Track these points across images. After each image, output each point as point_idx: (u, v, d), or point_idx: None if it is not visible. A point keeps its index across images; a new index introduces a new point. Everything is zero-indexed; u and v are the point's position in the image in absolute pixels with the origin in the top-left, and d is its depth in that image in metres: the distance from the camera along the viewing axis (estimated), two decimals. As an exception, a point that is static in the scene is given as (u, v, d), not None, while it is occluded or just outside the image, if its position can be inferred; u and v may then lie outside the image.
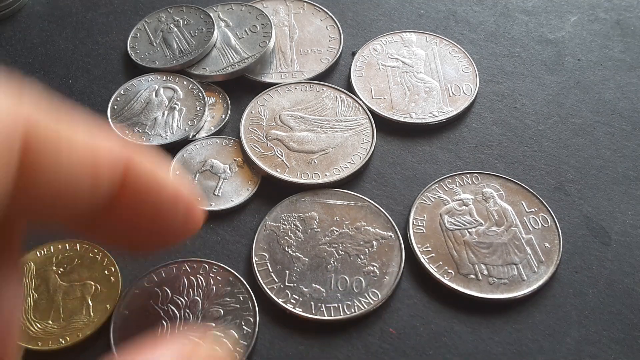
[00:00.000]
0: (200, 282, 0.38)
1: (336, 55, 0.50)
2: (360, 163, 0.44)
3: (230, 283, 0.38)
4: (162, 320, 0.37)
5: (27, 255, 0.41)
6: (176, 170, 0.44)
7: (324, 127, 0.46)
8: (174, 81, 0.49)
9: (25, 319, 0.38)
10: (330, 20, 0.53)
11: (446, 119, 0.47)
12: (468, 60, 0.50)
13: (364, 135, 0.45)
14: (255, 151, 0.44)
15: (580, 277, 0.39)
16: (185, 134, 0.45)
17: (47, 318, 0.38)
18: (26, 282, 0.40)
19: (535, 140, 0.46)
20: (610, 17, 0.53)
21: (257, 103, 0.47)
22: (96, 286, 0.39)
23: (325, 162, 0.44)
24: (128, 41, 0.52)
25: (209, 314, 0.37)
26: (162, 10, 0.54)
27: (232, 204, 0.43)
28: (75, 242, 0.41)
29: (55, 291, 0.39)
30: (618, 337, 0.37)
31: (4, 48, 0.53)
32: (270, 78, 0.49)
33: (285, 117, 0.46)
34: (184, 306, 0.38)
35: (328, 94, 0.48)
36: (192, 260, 0.40)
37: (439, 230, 0.41)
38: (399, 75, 0.49)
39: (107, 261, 0.40)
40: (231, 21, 0.52)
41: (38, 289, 0.39)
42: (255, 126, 0.46)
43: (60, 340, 0.37)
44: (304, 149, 0.45)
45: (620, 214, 0.42)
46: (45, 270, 0.40)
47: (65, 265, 0.40)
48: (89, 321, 0.38)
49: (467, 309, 0.38)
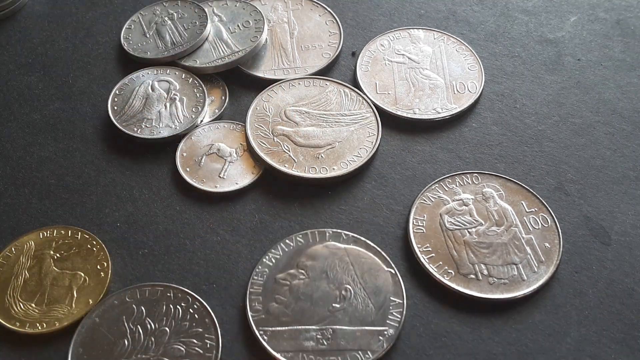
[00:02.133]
0: (177, 314, 0.38)
1: (337, 50, 0.51)
2: (368, 156, 0.44)
3: (205, 325, 0.37)
4: (125, 340, 0.37)
5: (30, 234, 0.41)
6: (183, 153, 0.45)
7: (329, 122, 0.46)
8: (166, 73, 0.49)
9: (11, 297, 0.39)
10: (329, 15, 0.53)
11: (449, 115, 0.47)
12: (474, 58, 0.50)
13: (369, 129, 0.46)
14: (263, 147, 0.45)
15: (580, 277, 0.39)
16: (193, 121, 0.46)
17: (32, 301, 0.39)
18: (22, 260, 0.40)
19: (535, 140, 0.46)
20: (610, 17, 0.53)
21: (262, 99, 0.47)
22: (85, 278, 0.39)
23: (332, 156, 0.44)
24: (122, 32, 0.52)
25: (170, 349, 0.36)
26: (157, 3, 0.54)
27: (237, 186, 0.43)
28: (78, 230, 0.42)
29: (46, 275, 0.40)
30: (618, 337, 0.37)
31: (4, 48, 0.53)
32: (273, 74, 0.49)
33: (290, 112, 0.46)
34: (150, 332, 0.37)
35: (332, 89, 0.48)
36: (179, 289, 0.39)
37: (439, 230, 0.41)
38: (404, 71, 0.49)
39: (102, 255, 0.40)
40: (225, 16, 0.53)
41: (31, 270, 0.40)
42: (261, 122, 0.46)
43: (37, 325, 0.38)
44: (310, 143, 0.45)
45: (620, 214, 0.42)
46: (42, 252, 0.40)
47: (62, 252, 0.41)
48: (69, 312, 0.38)
49: (467, 309, 0.38)
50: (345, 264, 0.39)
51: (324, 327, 0.37)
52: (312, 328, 0.37)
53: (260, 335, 0.37)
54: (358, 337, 0.36)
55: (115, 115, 0.47)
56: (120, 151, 0.46)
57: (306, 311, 0.37)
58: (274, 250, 0.40)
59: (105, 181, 0.45)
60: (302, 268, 0.39)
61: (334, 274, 0.39)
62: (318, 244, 0.40)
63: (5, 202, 0.44)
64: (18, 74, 0.51)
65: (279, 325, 0.37)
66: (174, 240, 0.42)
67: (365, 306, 0.37)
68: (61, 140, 0.47)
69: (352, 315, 0.37)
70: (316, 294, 0.38)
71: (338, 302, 0.38)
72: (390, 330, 0.37)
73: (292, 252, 0.40)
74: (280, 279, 0.39)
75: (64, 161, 0.46)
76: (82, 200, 0.44)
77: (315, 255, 0.40)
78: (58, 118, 0.48)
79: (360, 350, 0.36)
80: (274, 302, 0.38)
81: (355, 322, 0.37)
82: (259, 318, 0.37)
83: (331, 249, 0.40)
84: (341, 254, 0.40)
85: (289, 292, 0.38)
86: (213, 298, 0.39)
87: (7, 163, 0.46)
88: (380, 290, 0.38)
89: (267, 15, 0.53)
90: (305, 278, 0.39)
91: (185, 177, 0.44)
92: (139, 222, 0.43)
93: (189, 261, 0.41)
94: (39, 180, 0.45)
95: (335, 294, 0.38)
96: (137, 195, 0.44)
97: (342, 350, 0.36)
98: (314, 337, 0.37)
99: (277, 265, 0.39)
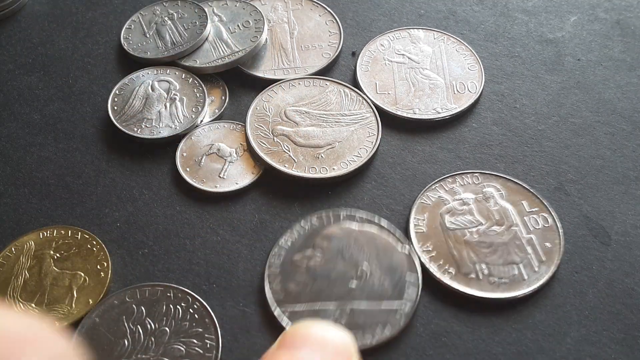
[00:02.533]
0: (177, 314, 0.38)
1: (337, 50, 0.51)
2: (368, 156, 0.44)
3: (205, 325, 0.37)
4: (125, 340, 0.37)
5: (30, 234, 0.41)
6: (183, 152, 0.45)
7: (329, 122, 0.46)
8: (165, 73, 0.49)
9: (11, 297, 0.39)
10: (329, 15, 0.53)
11: (449, 115, 0.47)
12: (474, 58, 0.50)
13: (369, 129, 0.46)
14: (263, 147, 0.45)
15: (580, 277, 0.39)
16: (193, 121, 0.46)
17: (32, 301, 0.39)
18: (22, 260, 0.40)
19: (535, 140, 0.46)
20: (610, 17, 0.53)
21: (262, 99, 0.48)
22: (85, 278, 0.39)
23: (332, 156, 0.44)
24: (122, 32, 0.52)
25: (170, 349, 0.36)
26: (157, 3, 0.54)
27: (237, 186, 0.43)
28: (78, 230, 0.42)
29: (46, 275, 0.40)
30: (618, 337, 0.37)
31: (4, 48, 0.53)
32: (273, 74, 0.49)
33: (290, 112, 0.46)
34: (150, 332, 0.37)
35: (332, 89, 0.48)
36: (179, 289, 0.39)
37: (439, 230, 0.41)
38: (404, 71, 0.49)
39: (102, 255, 0.40)
40: (225, 16, 0.53)
41: (31, 270, 0.40)
42: (261, 122, 0.46)
43: None
44: (310, 143, 0.45)
45: (620, 213, 0.42)
46: (42, 252, 0.41)
47: (62, 252, 0.41)
48: (69, 312, 0.38)
49: (467, 309, 0.38)
50: (360, 244, 0.40)
51: (342, 305, 0.38)
52: (331, 307, 0.38)
53: (280, 314, 0.38)
54: (375, 314, 0.37)
55: (115, 115, 0.47)
56: (120, 151, 0.46)
57: (324, 290, 0.38)
58: (289, 232, 0.41)
59: (105, 181, 0.45)
60: (317, 249, 0.40)
61: (349, 254, 0.40)
62: (333, 225, 0.41)
63: (5, 202, 0.44)
64: (18, 74, 0.51)
65: (298, 304, 0.38)
66: (174, 240, 0.42)
67: (381, 284, 0.38)
68: (61, 140, 0.47)
69: (369, 293, 0.38)
70: (333, 274, 0.39)
71: (354, 281, 0.38)
72: (407, 306, 0.38)
73: (307, 234, 0.41)
74: (297, 260, 0.40)
75: (64, 161, 0.46)
76: (82, 200, 0.44)
77: (330, 236, 0.40)
78: (58, 118, 0.48)
79: (378, 326, 0.37)
80: (292, 283, 0.39)
81: (372, 299, 0.38)
82: (279, 298, 0.38)
83: (345, 230, 0.41)
84: (355, 234, 0.40)
85: (306, 272, 0.39)
86: (213, 298, 0.39)
87: (7, 163, 0.46)
88: (395, 269, 0.39)
89: (267, 15, 0.53)
90: (321, 258, 0.39)
91: (185, 177, 0.44)
92: (139, 222, 0.43)
93: (189, 261, 0.41)
94: (39, 180, 0.45)
95: (351, 273, 0.39)
96: (137, 195, 0.44)
97: (361, 326, 0.37)
98: (332, 315, 0.37)
99: (293, 247, 0.40)
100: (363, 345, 0.36)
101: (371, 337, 0.37)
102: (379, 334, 0.37)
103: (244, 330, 0.38)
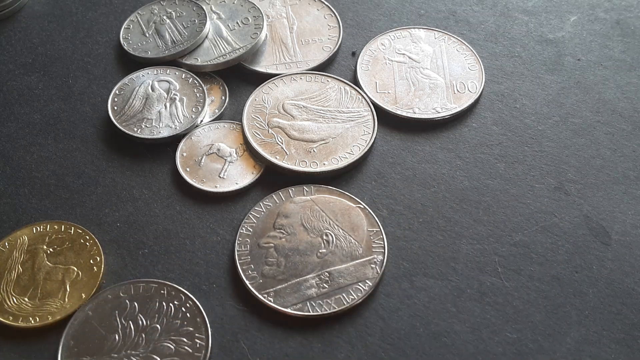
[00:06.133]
0: (169, 311, 0.38)
1: (337, 43, 0.51)
2: (359, 154, 0.44)
3: (196, 325, 0.37)
4: (116, 335, 0.37)
5: (23, 229, 0.41)
6: (183, 153, 0.45)
7: (326, 117, 0.46)
8: (166, 73, 0.49)
9: (4, 291, 0.39)
10: (327, 9, 0.54)
11: (449, 115, 0.47)
12: (475, 58, 0.50)
13: (364, 127, 0.46)
14: (256, 137, 0.45)
15: (580, 277, 0.39)
16: (193, 121, 0.46)
17: (25, 295, 0.39)
18: (15, 255, 0.40)
19: (535, 140, 0.46)
20: (610, 17, 0.53)
21: (262, 91, 0.48)
22: (78, 272, 0.39)
23: (324, 152, 0.44)
24: (121, 32, 0.52)
25: (160, 347, 0.36)
26: (155, 2, 0.54)
27: (237, 186, 0.43)
28: (70, 225, 0.42)
29: (39, 270, 0.40)
30: (618, 337, 0.37)
31: (4, 48, 0.53)
32: (275, 69, 0.50)
33: (288, 105, 0.46)
34: (141, 329, 0.37)
35: (332, 85, 0.48)
36: (173, 286, 0.39)
37: None
38: (404, 71, 0.49)
39: (95, 250, 0.40)
40: (223, 14, 0.53)
41: (24, 264, 0.40)
42: (258, 113, 0.46)
43: (30, 319, 0.38)
44: (304, 137, 0.45)
45: (620, 213, 0.42)
46: (35, 247, 0.41)
47: (55, 246, 0.41)
48: (62, 306, 0.38)
49: (467, 309, 0.38)
50: (317, 212, 0.41)
51: (320, 273, 0.39)
52: (309, 277, 0.39)
53: (264, 298, 0.38)
54: (353, 271, 0.39)
55: (115, 115, 0.47)
56: (120, 151, 0.46)
57: (298, 264, 0.40)
58: (246, 220, 0.41)
59: (105, 181, 0.45)
60: (279, 228, 0.41)
61: (310, 225, 0.41)
62: (286, 202, 0.42)
63: (5, 202, 0.44)
64: (18, 74, 0.51)
65: (278, 284, 0.39)
66: (174, 240, 0.42)
67: (348, 243, 0.40)
68: (61, 140, 0.47)
69: (341, 255, 0.40)
70: (301, 247, 0.40)
71: (324, 248, 0.40)
72: (379, 256, 0.40)
73: (264, 217, 0.42)
74: (263, 243, 0.41)
75: (64, 161, 0.46)
76: (82, 200, 0.44)
77: (287, 213, 0.42)
78: (58, 118, 0.48)
79: (359, 281, 0.39)
80: (265, 266, 0.40)
81: (345, 259, 0.40)
82: (257, 283, 0.39)
83: (300, 203, 0.42)
84: (310, 204, 0.42)
85: (275, 252, 0.40)
86: (213, 298, 0.39)
87: (7, 163, 0.46)
88: (357, 226, 0.41)
89: (266, 10, 0.53)
90: (285, 235, 0.41)
91: (185, 177, 0.44)
92: (139, 222, 0.43)
93: (189, 261, 0.41)
94: (39, 180, 0.45)
95: (318, 241, 0.40)
96: (137, 195, 0.44)
97: (343, 287, 0.39)
98: (313, 284, 0.39)
99: (255, 232, 0.41)
100: (352, 300, 0.38)
101: (356, 293, 0.38)
102: (363, 288, 0.38)
103: (244, 330, 0.38)
